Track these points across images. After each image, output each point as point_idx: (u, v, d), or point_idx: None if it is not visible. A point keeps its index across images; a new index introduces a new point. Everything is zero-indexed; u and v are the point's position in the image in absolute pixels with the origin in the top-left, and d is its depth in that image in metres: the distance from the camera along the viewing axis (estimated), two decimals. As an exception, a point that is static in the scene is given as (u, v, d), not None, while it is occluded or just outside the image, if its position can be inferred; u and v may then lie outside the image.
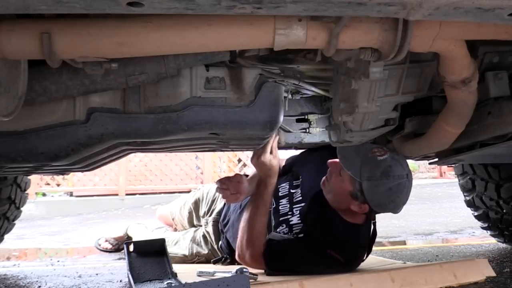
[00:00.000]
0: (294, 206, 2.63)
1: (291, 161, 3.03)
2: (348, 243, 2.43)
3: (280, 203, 2.71)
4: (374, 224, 2.54)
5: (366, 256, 2.53)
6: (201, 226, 3.35)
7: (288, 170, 2.97)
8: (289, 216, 2.61)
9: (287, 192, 2.74)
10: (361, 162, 2.28)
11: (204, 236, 3.19)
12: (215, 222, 3.18)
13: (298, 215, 2.58)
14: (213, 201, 3.41)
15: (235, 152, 11.42)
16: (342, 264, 2.36)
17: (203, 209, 3.44)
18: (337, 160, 2.39)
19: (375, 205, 2.34)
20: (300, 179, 2.77)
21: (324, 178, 2.54)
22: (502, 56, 1.82)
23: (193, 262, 3.18)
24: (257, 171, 2.63)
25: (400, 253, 4.01)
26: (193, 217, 3.55)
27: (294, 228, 2.54)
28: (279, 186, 2.78)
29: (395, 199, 2.31)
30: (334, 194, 2.46)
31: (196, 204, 3.54)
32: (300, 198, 2.65)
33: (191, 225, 3.56)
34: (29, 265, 3.96)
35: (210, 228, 3.18)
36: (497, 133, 1.90)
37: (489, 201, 3.52)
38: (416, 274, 2.13)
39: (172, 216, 3.82)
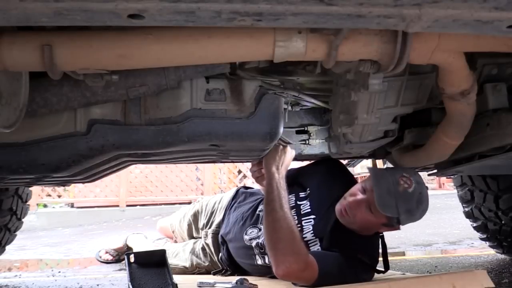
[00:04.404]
0: (303, 219, 2.61)
1: (295, 174, 3.00)
2: (369, 246, 2.48)
3: None
4: (382, 237, 2.57)
5: (386, 270, 2.51)
6: (200, 238, 3.34)
7: (292, 183, 2.95)
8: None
9: (293, 204, 2.72)
10: (395, 201, 2.22)
11: (203, 249, 3.18)
12: (215, 234, 3.17)
13: (312, 232, 2.54)
14: (212, 213, 3.39)
15: (235, 163, 11.41)
16: (369, 266, 2.40)
17: (202, 221, 3.43)
18: (359, 197, 2.35)
19: (407, 223, 2.34)
20: (308, 191, 2.76)
21: (341, 209, 2.43)
22: (500, 68, 1.83)
23: (193, 274, 3.16)
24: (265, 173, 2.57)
25: (399, 264, 4.00)
26: (193, 229, 3.54)
27: (309, 245, 2.50)
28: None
29: (424, 211, 2.31)
30: (361, 225, 2.41)
31: (195, 216, 3.53)
32: (309, 210, 2.63)
33: (191, 237, 3.54)
34: (30, 276, 3.96)
35: (209, 240, 3.17)
36: (495, 144, 1.90)
37: (487, 212, 3.53)
38: (415, 285, 2.12)
39: (172, 229, 3.80)
